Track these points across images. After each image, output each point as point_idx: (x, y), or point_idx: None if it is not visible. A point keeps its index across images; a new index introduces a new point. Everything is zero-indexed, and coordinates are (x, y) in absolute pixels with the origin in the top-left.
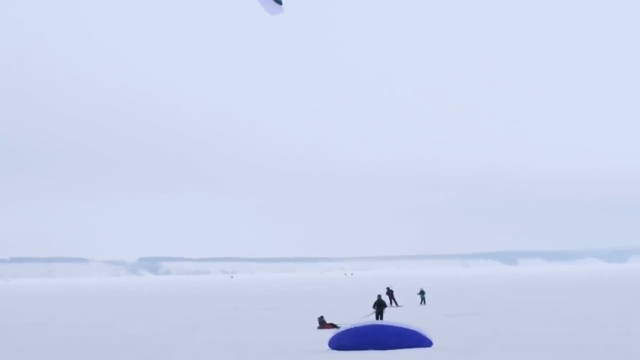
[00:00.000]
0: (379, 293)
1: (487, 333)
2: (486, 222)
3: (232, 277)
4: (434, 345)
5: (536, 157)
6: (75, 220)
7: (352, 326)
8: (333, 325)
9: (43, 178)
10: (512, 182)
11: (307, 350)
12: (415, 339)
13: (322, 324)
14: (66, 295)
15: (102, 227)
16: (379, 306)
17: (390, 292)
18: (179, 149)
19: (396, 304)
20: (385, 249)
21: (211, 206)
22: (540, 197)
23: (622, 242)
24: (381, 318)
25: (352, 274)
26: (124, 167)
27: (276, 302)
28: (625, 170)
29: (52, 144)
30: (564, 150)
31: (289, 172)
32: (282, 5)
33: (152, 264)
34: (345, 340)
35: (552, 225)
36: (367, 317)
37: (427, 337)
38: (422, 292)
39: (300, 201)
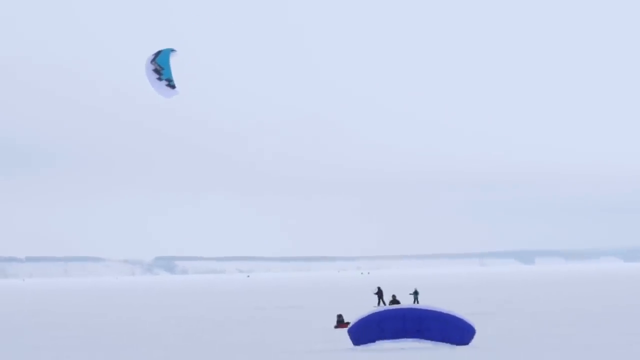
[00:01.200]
0: (393, 293)
1: (505, 333)
2: (504, 221)
3: (248, 276)
4: (472, 344)
5: (555, 156)
6: (91, 219)
7: (376, 311)
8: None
9: (58, 177)
10: (530, 181)
11: (324, 350)
12: (457, 326)
13: (340, 322)
14: (82, 294)
15: (118, 226)
16: (394, 304)
17: (379, 292)
18: (196, 150)
19: (384, 304)
20: (401, 248)
21: (227, 205)
22: (559, 196)
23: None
24: None
25: (368, 272)
26: (140, 167)
27: (292, 300)
28: None
29: (68, 142)
30: (583, 149)
31: (305, 173)
32: (177, 89)
33: (168, 263)
34: (370, 330)
35: (570, 224)
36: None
37: (470, 323)
38: (415, 293)
39: (316, 200)
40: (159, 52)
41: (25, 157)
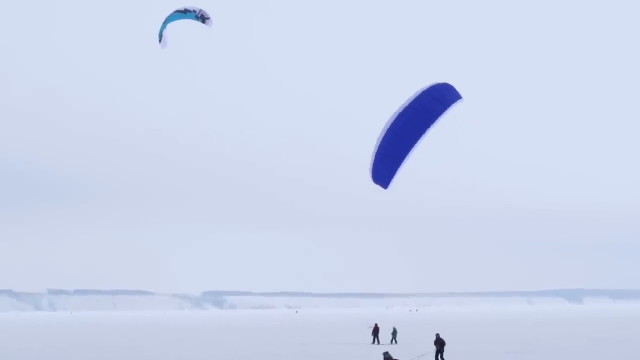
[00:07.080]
0: (437, 332)
1: None
2: (552, 259)
3: (296, 311)
4: None
5: (604, 196)
6: (140, 253)
7: (379, 142)
8: None
9: (108, 210)
10: (578, 220)
11: None
12: (442, 89)
13: None
14: (130, 328)
15: (167, 261)
16: (439, 344)
17: (376, 330)
18: (245, 188)
19: (378, 342)
20: (449, 285)
21: (275, 241)
22: (607, 235)
23: None
24: (442, 357)
25: (416, 310)
26: (189, 202)
27: (341, 337)
28: None
29: (117, 176)
30: (631, 189)
31: (353, 209)
32: (161, 43)
33: (216, 298)
34: (387, 162)
35: (618, 263)
36: (426, 354)
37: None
38: (394, 332)
39: (364, 237)
40: (181, 12)
41: (73, 189)
